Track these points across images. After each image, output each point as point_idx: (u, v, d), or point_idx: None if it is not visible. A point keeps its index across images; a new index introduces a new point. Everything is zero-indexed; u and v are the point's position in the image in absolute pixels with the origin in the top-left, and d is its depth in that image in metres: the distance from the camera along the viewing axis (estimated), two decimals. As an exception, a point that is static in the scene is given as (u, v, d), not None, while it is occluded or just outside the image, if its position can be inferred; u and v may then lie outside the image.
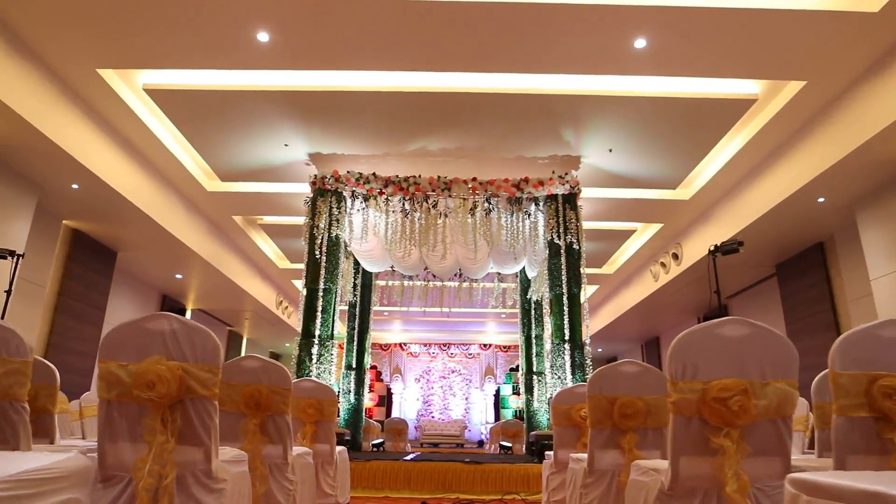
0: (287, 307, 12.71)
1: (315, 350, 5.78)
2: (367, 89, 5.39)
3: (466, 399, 16.79)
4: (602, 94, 5.38)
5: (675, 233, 8.65)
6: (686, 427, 1.69)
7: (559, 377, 5.75)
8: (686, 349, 1.72)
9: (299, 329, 6.00)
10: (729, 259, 8.32)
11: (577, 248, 6.13)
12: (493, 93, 5.38)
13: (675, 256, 8.80)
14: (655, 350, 14.12)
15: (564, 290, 5.98)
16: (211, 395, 1.82)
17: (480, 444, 15.61)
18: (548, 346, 6.06)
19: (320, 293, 5.97)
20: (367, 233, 6.35)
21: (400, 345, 16.84)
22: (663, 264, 9.26)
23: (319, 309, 5.92)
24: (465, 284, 9.69)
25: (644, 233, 8.92)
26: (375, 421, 11.27)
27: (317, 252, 6.06)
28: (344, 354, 8.59)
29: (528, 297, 8.73)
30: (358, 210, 6.44)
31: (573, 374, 5.68)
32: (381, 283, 9.99)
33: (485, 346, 16.84)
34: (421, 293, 9.48)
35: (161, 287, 10.22)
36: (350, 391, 8.24)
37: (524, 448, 9.11)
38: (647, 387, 2.63)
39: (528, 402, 8.28)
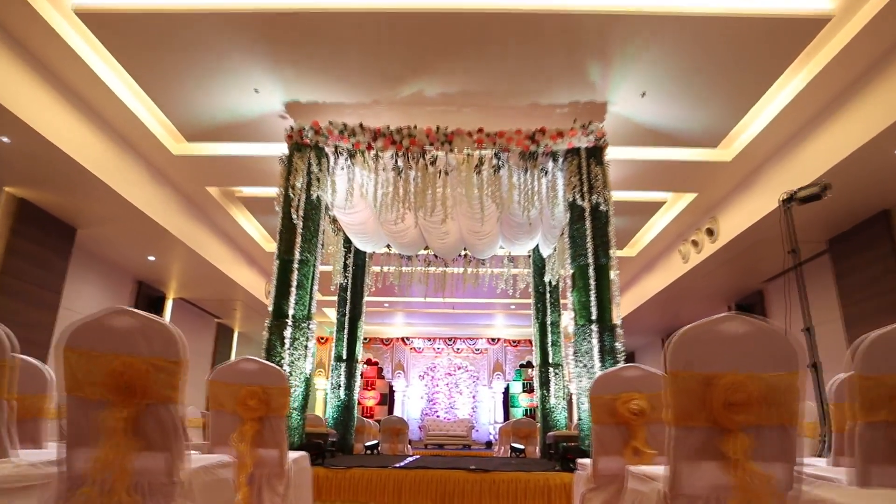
0: (278, 297, 11.71)
1: (288, 333, 4.77)
2: (348, 9, 4.38)
3: (473, 397, 15.76)
4: (639, 12, 4.33)
5: (711, 204, 7.57)
6: None
7: (584, 365, 4.71)
8: None
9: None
10: (767, 232, 7.26)
11: (605, 209, 5.09)
12: (504, 12, 4.36)
13: (710, 232, 7.73)
14: (678, 343, 12.99)
15: (590, 261, 4.94)
16: None
17: (489, 444, 14.58)
18: (571, 328, 5.02)
19: (295, 265, 4.97)
20: (352, 195, 5.33)
21: (402, 339, 15.83)
22: (695, 242, 8.18)
23: (294, 283, 4.91)
24: (471, 270, 8.64)
25: (675, 205, 7.85)
26: (374, 420, 10.27)
27: (293, 216, 5.06)
28: (333, 345, 7.59)
29: (542, 279, 7.71)
30: (342, 168, 5.43)
31: (602, 361, 4.64)
32: (377, 268, 8.92)
33: (493, 340, 15.80)
34: (421, 278, 8.44)
35: (136, 272, 9.26)
36: (340, 385, 7.24)
37: (538, 450, 8.08)
38: (764, 358, 1.60)
39: (544, 399, 7.25)
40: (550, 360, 7.32)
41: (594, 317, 4.80)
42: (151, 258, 8.45)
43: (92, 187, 6.10)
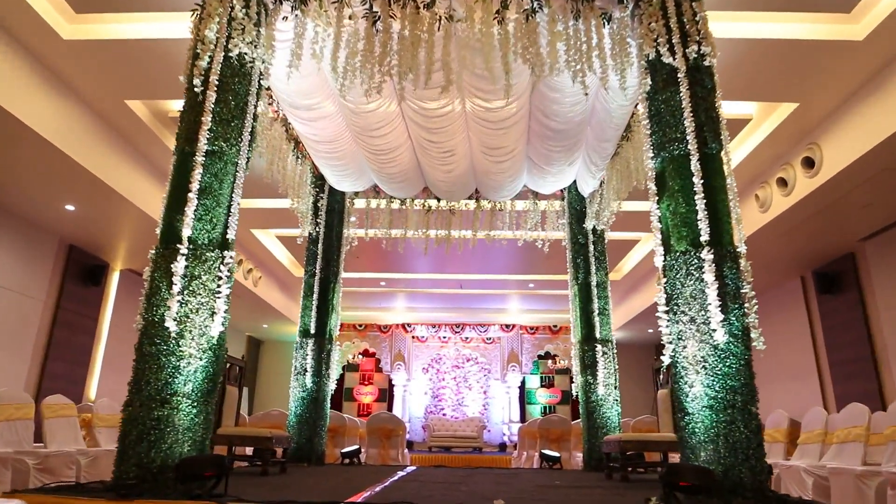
0: (251, 271, 9.80)
1: (180, 267, 2.81)
2: None
3: (485, 393, 13.80)
4: None
5: (815, 121, 5.54)
6: None
7: (692, 319, 2.72)
8: None
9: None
10: (868, 169, 5.15)
11: (710, 65, 3.10)
12: None
13: (809, 163, 5.69)
14: (728, 328, 10.91)
15: (691, 148, 2.95)
16: None
17: (502, 447, 12.62)
18: (657, 260, 3.03)
19: (199, 158, 3.01)
20: (300, 59, 3.37)
21: (403, 326, 13.87)
22: (782, 181, 6.15)
23: (195, 188, 2.95)
24: (483, 235, 6.66)
25: (762, 125, 5.83)
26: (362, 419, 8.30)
27: (196, 82, 3.09)
28: (300, 314, 5.64)
29: (582, 225, 5.74)
30: (284, 18, 3.47)
31: (724, 310, 2.65)
32: (360, 231, 6.87)
33: (507, 327, 13.80)
34: (420, 224, 6.45)
35: (62, 231, 7.32)
36: (306, 370, 5.28)
37: (577, 458, 6.10)
38: None
39: (588, 387, 5.25)
40: (598, 335, 5.32)
41: (704, 238, 2.81)
42: (70, 208, 6.52)
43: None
